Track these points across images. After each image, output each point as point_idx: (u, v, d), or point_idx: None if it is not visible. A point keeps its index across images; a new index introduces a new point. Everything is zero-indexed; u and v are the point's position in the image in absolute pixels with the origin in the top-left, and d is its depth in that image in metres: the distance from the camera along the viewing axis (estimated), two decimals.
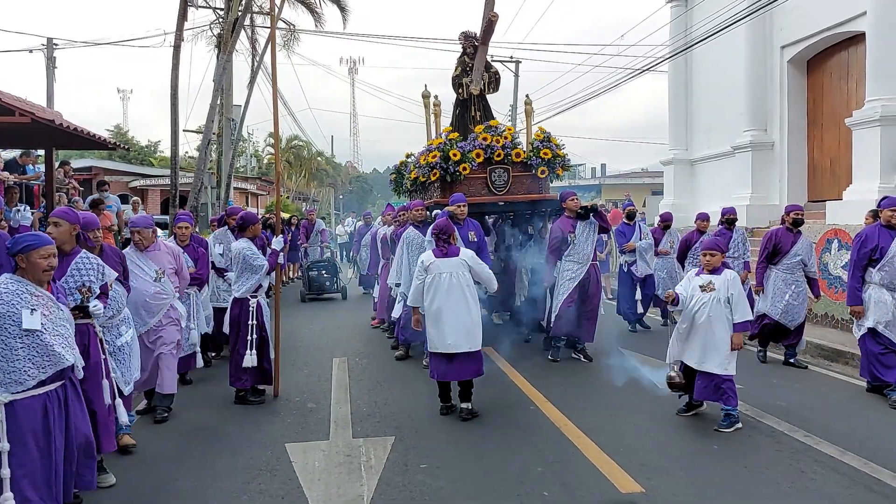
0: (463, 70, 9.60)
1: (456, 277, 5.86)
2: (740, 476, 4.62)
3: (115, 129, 49.24)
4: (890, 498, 4.22)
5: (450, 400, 6.06)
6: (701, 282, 5.61)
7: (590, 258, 8.08)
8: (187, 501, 4.39)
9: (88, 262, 4.54)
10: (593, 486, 4.46)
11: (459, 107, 9.71)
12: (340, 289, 14.97)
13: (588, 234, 8.06)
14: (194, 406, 6.55)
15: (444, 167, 8.62)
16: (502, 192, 8.87)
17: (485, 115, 9.55)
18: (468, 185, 8.70)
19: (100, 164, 29.53)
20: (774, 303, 7.82)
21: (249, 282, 6.54)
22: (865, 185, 10.83)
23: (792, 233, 7.82)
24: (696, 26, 15.54)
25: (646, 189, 32.82)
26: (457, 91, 9.67)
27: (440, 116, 9.71)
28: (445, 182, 8.77)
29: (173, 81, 14.68)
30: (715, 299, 5.49)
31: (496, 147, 8.72)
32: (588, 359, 8.07)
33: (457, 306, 5.82)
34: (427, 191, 9.50)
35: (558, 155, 9.03)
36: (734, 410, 5.47)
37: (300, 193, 48.26)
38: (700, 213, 9.62)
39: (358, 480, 4.66)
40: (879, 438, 5.32)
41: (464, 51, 9.71)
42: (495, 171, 8.82)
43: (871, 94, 10.96)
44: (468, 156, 8.65)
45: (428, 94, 9.67)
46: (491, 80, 9.70)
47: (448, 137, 8.85)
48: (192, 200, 15.26)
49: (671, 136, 18.01)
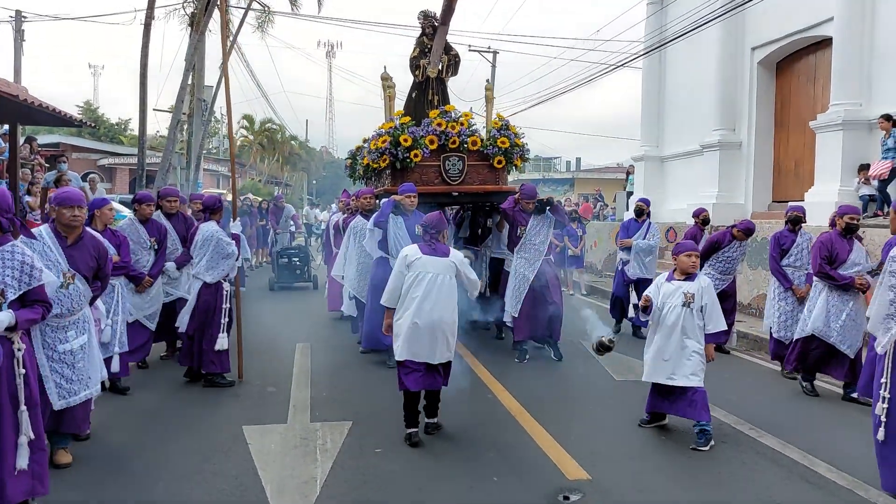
0: (421, 51, 9.08)
1: (442, 280, 5.15)
2: (684, 466, 4.78)
3: (85, 106, 48.36)
4: (824, 489, 4.40)
5: (416, 424, 5.18)
6: (671, 287, 5.25)
7: (542, 254, 7.76)
8: (138, 481, 4.41)
9: (11, 258, 3.61)
10: (541, 472, 4.58)
11: (416, 90, 9.16)
12: (311, 278, 14.36)
13: (540, 228, 7.74)
14: (152, 389, 6.55)
15: (394, 153, 8.09)
16: (456, 182, 8.34)
17: (443, 99, 9.03)
18: (420, 173, 8.19)
19: (68, 140, 29.09)
20: (829, 322, 6.45)
21: (220, 267, 6.57)
22: (827, 187, 11.11)
23: (845, 239, 6.56)
24: (671, 24, 15.72)
25: (618, 184, 33.06)
26: (414, 73, 9.16)
27: (394, 99, 9.11)
28: (396, 169, 8.25)
29: (143, 60, 14.49)
30: (687, 307, 5.16)
31: (451, 134, 8.18)
32: (558, 357, 7.79)
33: (441, 312, 5.11)
34: (380, 178, 9.04)
35: (517, 144, 8.56)
36: (708, 425, 5.11)
37: (273, 177, 47.92)
38: (745, 224, 8.40)
39: (313, 463, 4.72)
40: (821, 432, 5.53)
41: (423, 31, 9.17)
42: (450, 160, 8.29)
43: (836, 98, 11.24)
44: (421, 142, 8.09)
45: (387, 76, 9.08)
46: (450, 64, 9.19)
47: (400, 122, 8.31)
48: (160, 181, 15.11)
49: (643, 133, 18.22)
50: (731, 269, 8.39)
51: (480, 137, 8.44)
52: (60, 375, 4.28)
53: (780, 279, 7.40)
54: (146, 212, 6.98)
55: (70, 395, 4.33)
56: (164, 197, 7.61)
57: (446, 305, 5.16)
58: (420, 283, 5.14)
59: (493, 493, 4.29)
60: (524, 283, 7.71)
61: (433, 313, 5.08)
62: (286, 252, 14.63)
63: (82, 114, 44.30)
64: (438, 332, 5.13)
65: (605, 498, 4.22)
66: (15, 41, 23.34)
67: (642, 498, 4.25)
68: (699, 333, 5.17)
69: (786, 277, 7.37)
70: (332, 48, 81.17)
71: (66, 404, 4.32)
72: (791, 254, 7.43)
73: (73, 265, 4.36)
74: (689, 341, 5.15)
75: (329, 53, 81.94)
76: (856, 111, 10.93)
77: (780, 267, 7.43)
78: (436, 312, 5.09)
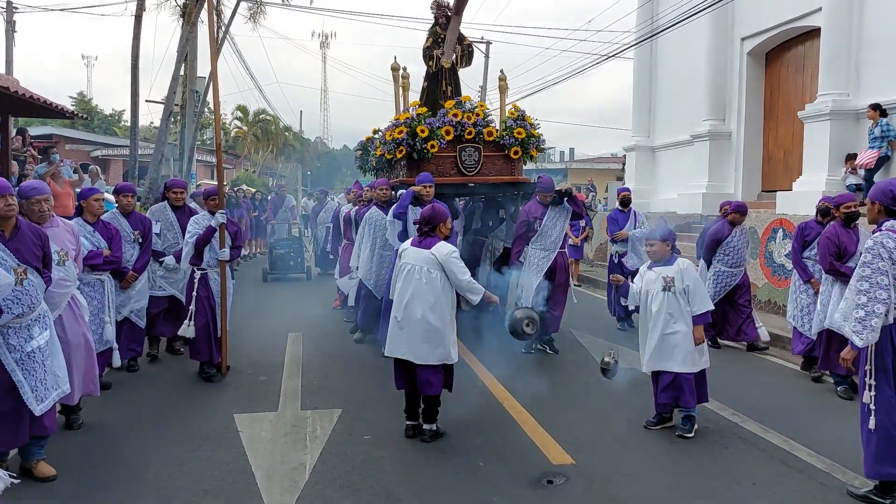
0: (434, 41, 8.98)
1: (422, 274, 4.92)
2: (666, 451, 4.88)
3: (78, 97, 48.22)
4: (803, 472, 4.50)
5: (416, 417, 5.14)
6: (653, 275, 5.27)
7: (558, 245, 7.72)
8: (130, 467, 4.48)
9: None
10: (527, 457, 4.67)
11: (429, 80, 9.06)
12: (305, 269, 14.42)
13: (557, 220, 7.69)
14: (144, 380, 6.63)
15: (411, 144, 8.01)
16: (472, 173, 8.29)
17: (455, 90, 8.98)
18: (436, 163, 8.13)
19: (61, 132, 28.96)
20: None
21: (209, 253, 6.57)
22: (814, 176, 11.20)
23: (850, 230, 6.42)
24: (662, 14, 15.76)
25: (611, 174, 33.19)
26: (427, 63, 9.04)
27: (408, 90, 9.08)
28: (412, 160, 8.16)
29: (134, 52, 14.48)
30: (670, 293, 5.15)
31: (467, 124, 8.15)
32: (554, 350, 7.77)
33: (419, 309, 4.88)
34: (393, 169, 8.98)
35: (532, 135, 8.45)
36: (693, 411, 5.15)
37: (267, 168, 47.87)
38: (736, 203, 8.32)
39: (302, 450, 4.81)
40: (801, 418, 5.63)
41: (436, 21, 9.08)
42: (466, 151, 8.23)
43: (823, 88, 11.31)
44: (437, 133, 8.03)
45: (397, 67, 9.00)
46: (464, 54, 9.15)
47: (416, 112, 8.27)
48: (153, 172, 15.11)
49: (634, 123, 18.27)
50: (739, 260, 8.17)
51: (496, 128, 8.38)
52: (34, 377, 4.11)
53: (799, 271, 7.15)
54: (128, 203, 6.73)
55: (46, 398, 4.18)
56: (171, 188, 7.47)
57: (425, 301, 4.89)
58: (401, 275, 5.05)
59: (479, 478, 4.38)
60: (538, 275, 7.63)
61: (410, 309, 4.91)
62: (280, 243, 14.72)
63: (76, 105, 44.19)
64: (417, 329, 4.88)
65: (589, 482, 4.32)
66: (6, 32, 23.21)
67: (625, 482, 4.34)
68: (687, 317, 5.12)
69: (805, 270, 7.09)
70: (326, 38, 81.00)
71: (45, 408, 4.17)
72: (813, 246, 7.07)
73: (20, 259, 4.09)
74: (678, 325, 5.11)
75: (323, 44, 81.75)
76: (843, 101, 11.01)
77: (800, 258, 7.18)
78: (415, 308, 4.89)
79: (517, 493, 4.16)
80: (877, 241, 3.99)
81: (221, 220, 6.47)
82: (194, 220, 6.67)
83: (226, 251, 6.52)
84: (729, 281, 8.15)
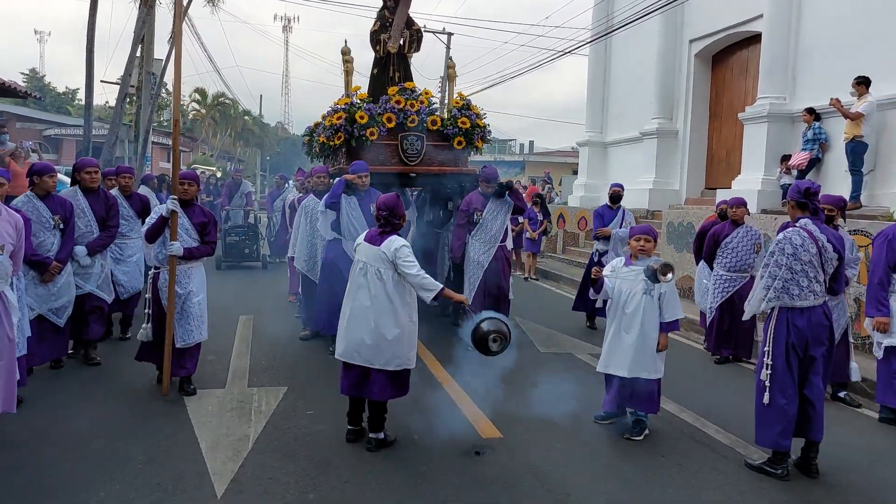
0: (382, 25, 8.69)
1: (369, 271, 4.61)
2: (588, 427, 5.27)
3: (30, 73, 47.07)
4: (710, 447, 4.94)
5: (358, 423, 4.86)
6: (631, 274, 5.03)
7: (498, 239, 7.69)
8: (74, 440, 4.65)
9: None
10: (458, 431, 5.00)
11: (377, 66, 8.82)
12: (260, 257, 14.07)
13: (498, 213, 7.67)
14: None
15: (349, 130, 7.72)
16: (414, 163, 8.01)
17: (405, 76, 8.69)
18: (376, 152, 7.85)
19: (12, 109, 28.37)
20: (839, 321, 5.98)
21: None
22: (751, 175, 11.76)
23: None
24: (617, 13, 16.20)
25: (568, 168, 33.75)
26: (374, 48, 8.78)
27: (352, 74, 8.69)
28: (351, 147, 7.87)
29: (90, 32, 14.31)
30: (648, 295, 4.98)
31: (410, 112, 7.86)
32: None
33: (362, 307, 4.60)
34: (336, 156, 8.60)
35: (478, 125, 8.25)
36: (646, 417, 5.12)
37: (225, 152, 47.38)
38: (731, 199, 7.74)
39: (247, 423, 5.07)
40: (714, 398, 6.12)
41: (384, 4, 8.82)
42: (407, 139, 7.94)
43: (763, 91, 11.86)
44: (377, 119, 7.74)
45: (347, 51, 8.64)
46: (413, 39, 8.82)
47: (357, 98, 8.00)
48: (107, 153, 15.00)
49: (588, 119, 18.74)
50: (742, 264, 7.44)
51: (441, 117, 8.16)
52: None
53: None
54: (47, 185, 5.92)
55: None
56: (82, 168, 6.51)
57: (379, 308, 4.56)
58: (354, 272, 4.76)
59: (411, 450, 4.71)
60: (479, 270, 7.65)
61: (358, 310, 4.62)
62: (235, 230, 14.29)
63: (27, 81, 43.10)
64: (365, 332, 4.57)
65: (512, 454, 4.68)
66: None
67: (544, 454, 4.70)
68: (657, 323, 4.99)
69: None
70: (288, 22, 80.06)
71: None
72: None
73: None
74: (649, 331, 4.97)
75: (286, 28, 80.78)
76: (780, 105, 11.58)
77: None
78: (365, 310, 4.59)
79: (445, 463, 4.49)
80: (785, 237, 4.45)
81: (173, 206, 5.53)
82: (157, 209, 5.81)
83: (176, 245, 5.51)
84: (727, 287, 7.50)
